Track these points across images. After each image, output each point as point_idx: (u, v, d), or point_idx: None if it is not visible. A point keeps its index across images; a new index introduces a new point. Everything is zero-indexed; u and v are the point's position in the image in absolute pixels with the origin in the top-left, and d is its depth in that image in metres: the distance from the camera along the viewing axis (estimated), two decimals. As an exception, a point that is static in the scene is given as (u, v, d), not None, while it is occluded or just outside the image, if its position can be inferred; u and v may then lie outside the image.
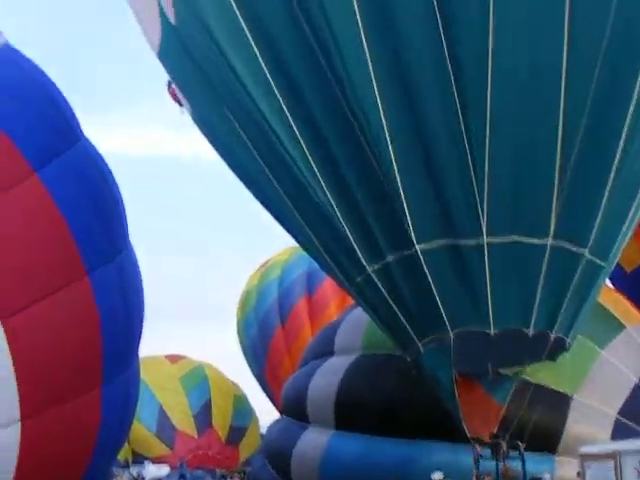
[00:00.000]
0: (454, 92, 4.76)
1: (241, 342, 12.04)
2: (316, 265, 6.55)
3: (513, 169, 4.85)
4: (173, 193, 23.17)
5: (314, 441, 7.09)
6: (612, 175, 5.04)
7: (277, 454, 7.80)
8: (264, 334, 11.40)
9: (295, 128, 5.01)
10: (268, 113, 5.04)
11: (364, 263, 5.09)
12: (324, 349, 7.26)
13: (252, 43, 4.97)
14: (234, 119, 5.26)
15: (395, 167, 4.85)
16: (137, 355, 6.01)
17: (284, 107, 4.99)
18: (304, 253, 6.39)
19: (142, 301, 5.90)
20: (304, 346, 8.88)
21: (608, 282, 7.41)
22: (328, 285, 10.64)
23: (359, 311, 6.47)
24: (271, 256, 12.18)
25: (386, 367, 6.61)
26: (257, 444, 10.89)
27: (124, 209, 5.85)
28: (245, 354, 12.04)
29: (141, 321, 5.88)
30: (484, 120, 4.77)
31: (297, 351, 10.19)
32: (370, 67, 4.79)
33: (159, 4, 5.30)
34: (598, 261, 5.20)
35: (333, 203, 5.06)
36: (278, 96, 5.00)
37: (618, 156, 5.02)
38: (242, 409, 11.69)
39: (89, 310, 5.28)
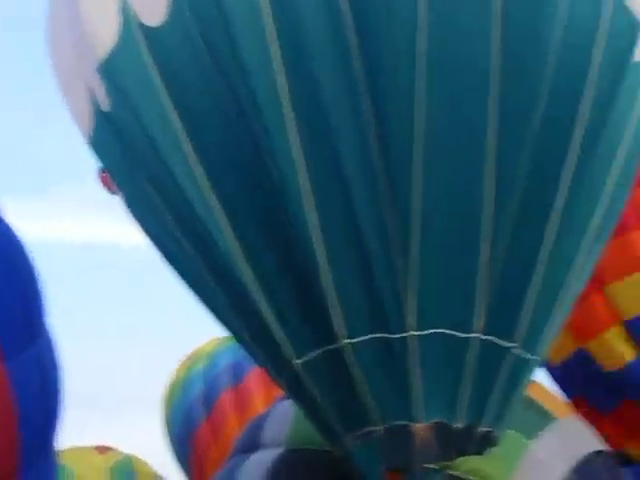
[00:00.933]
0: (384, 189, 4.75)
1: (168, 435, 11.86)
2: (241, 356, 6.46)
3: (441, 263, 4.83)
4: (98, 279, 22.92)
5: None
6: (541, 268, 5.01)
7: None
8: (189, 426, 11.22)
9: (222, 217, 4.95)
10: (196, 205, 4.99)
11: (292, 356, 5.01)
12: (251, 443, 7.12)
13: (180, 129, 4.93)
14: (170, 217, 5.19)
15: (324, 262, 4.80)
16: (54, 446, 5.88)
17: (210, 193, 4.96)
18: (230, 343, 6.31)
19: (60, 389, 5.78)
20: (230, 438, 8.72)
21: (538, 375, 7.44)
22: (254, 376, 10.51)
23: (287, 404, 6.36)
24: (198, 347, 12.07)
25: (314, 463, 6.44)
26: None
27: (43, 292, 5.75)
28: (172, 446, 11.85)
29: (58, 410, 5.75)
30: (410, 219, 4.74)
31: (223, 443, 10.02)
32: (302, 162, 4.75)
33: (91, 91, 5.28)
34: (527, 355, 5.17)
35: (261, 296, 4.98)
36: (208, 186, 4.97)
37: (548, 248, 5.06)
38: (169, 503, 11.52)
39: (5, 398, 5.16)
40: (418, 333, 4.84)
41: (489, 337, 4.97)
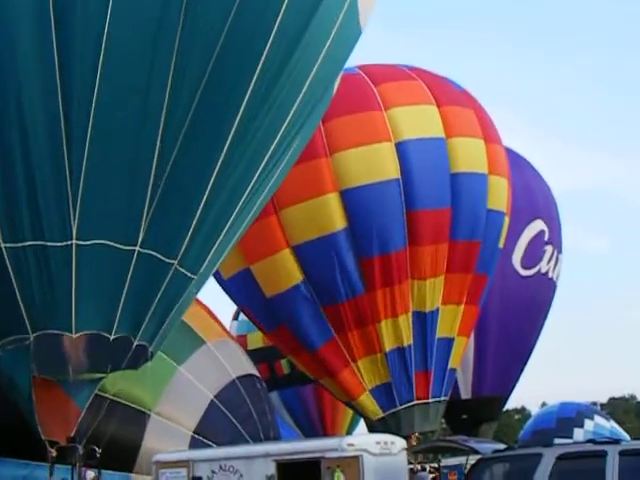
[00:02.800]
0: (59, 101, 4.74)
1: None
2: None
3: (108, 177, 4.91)
4: None
5: None
6: (208, 192, 5.22)
7: None
8: None
9: None
10: None
11: None
12: None
13: None
14: None
15: None
16: None
17: None
18: None
19: None
20: None
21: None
22: None
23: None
24: None
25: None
26: None
27: None
28: None
29: None
30: (85, 134, 4.81)
31: None
32: None
33: None
34: (188, 273, 5.33)
35: None
36: None
37: (213, 178, 5.19)
38: None
39: None
40: (80, 242, 4.86)
41: (150, 252, 5.06)
